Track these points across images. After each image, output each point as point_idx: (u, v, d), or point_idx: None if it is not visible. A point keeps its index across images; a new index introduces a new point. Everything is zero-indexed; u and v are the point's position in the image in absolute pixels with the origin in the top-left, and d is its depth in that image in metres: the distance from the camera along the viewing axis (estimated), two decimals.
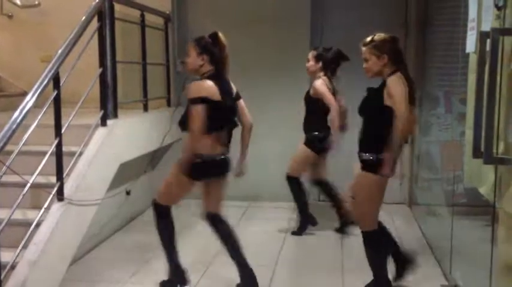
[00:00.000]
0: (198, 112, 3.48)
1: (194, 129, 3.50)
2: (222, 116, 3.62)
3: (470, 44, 3.15)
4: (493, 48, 2.51)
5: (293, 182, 5.11)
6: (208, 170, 3.68)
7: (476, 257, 3.93)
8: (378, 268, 3.61)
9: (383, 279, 3.62)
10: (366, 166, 3.46)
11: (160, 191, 3.83)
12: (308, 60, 4.98)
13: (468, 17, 3.23)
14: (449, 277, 3.91)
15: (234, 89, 3.82)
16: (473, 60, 3.12)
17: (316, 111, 4.97)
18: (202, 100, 3.50)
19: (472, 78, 3.13)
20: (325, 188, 5.18)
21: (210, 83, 3.56)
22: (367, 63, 3.48)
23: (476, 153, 2.67)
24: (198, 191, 3.79)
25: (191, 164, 3.57)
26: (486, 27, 2.81)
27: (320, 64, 4.95)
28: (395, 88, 3.35)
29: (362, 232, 3.59)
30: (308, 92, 5.01)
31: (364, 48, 3.47)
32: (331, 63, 4.96)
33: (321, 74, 4.95)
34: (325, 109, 4.86)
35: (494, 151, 2.54)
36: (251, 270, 3.72)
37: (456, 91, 5.14)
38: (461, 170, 4.21)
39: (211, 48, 3.65)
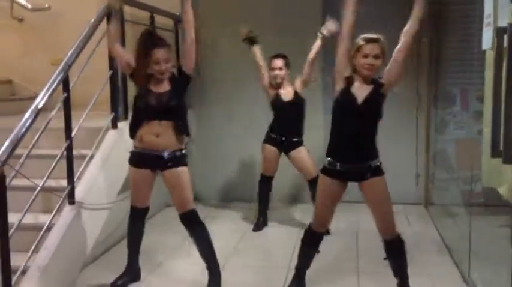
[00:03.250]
0: None
1: None
2: None
3: (487, 40, 3.07)
4: (511, 44, 2.44)
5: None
6: None
7: (496, 259, 3.85)
8: (406, 272, 3.51)
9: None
10: (379, 170, 3.36)
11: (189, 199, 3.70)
12: (280, 69, 4.95)
13: (484, 12, 3.16)
14: (468, 279, 3.81)
15: None
16: (490, 57, 3.04)
17: (302, 114, 5.05)
18: None
19: (489, 75, 3.05)
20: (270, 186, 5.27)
21: None
22: (378, 61, 3.24)
23: (495, 152, 2.61)
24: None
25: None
26: (503, 22, 2.74)
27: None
28: None
29: (398, 236, 3.43)
30: (297, 96, 4.99)
31: (375, 45, 3.24)
32: None
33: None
34: None
35: None
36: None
37: (472, 88, 5.06)
38: (478, 169, 4.13)
39: None
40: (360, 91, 3.29)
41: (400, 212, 5.36)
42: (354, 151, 3.31)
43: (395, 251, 3.44)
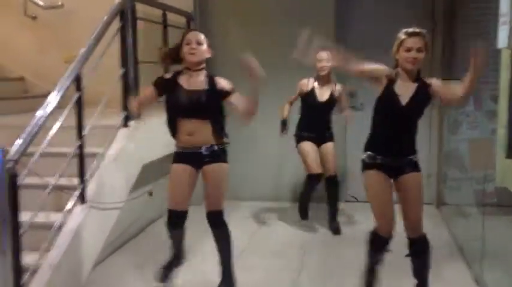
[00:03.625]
0: None
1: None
2: None
3: (503, 39, 3.03)
4: None
5: (337, 181, 5.13)
6: None
7: (510, 260, 3.81)
8: (427, 275, 3.45)
9: None
10: (416, 167, 3.34)
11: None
12: (327, 61, 4.86)
13: (499, 11, 3.12)
14: (481, 281, 3.77)
15: None
16: (505, 56, 3.01)
17: (332, 111, 5.05)
18: None
19: (504, 74, 3.02)
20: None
21: None
22: (421, 54, 3.18)
23: (511, 153, 2.57)
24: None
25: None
26: None
27: None
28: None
29: (424, 236, 3.40)
30: (332, 97, 4.97)
31: (418, 38, 3.17)
32: None
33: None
34: None
35: None
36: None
37: (486, 88, 5.00)
38: (492, 169, 4.08)
39: None
40: (404, 90, 3.25)
41: None
42: (394, 146, 3.30)
43: (420, 250, 3.39)
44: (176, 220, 3.57)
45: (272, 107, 5.70)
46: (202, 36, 3.51)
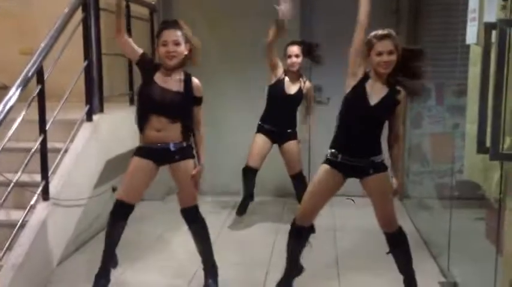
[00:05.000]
0: None
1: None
2: None
3: (472, 35, 3.05)
4: (501, 40, 2.43)
5: (303, 177, 5.05)
6: None
7: (472, 252, 3.88)
8: (411, 267, 3.47)
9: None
10: (382, 165, 3.34)
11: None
12: (297, 56, 4.76)
13: (468, 7, 3.14)
14: (447, 273, 3.83)
15: None
16: (475, 52, 3.04)
17: (298, 106, 4.94)
18: None
19: (473, 70, 3.05)
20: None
21: None
22: (393, 57, 3.16)
23: (481, 148, 2.60)
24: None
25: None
26: (490, 18, 2.72)
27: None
28: None
29: (400, 229, 3.43)
30: (300, 91, 4.87)
31: (388, 40, 3.15)
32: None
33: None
34: None
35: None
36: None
37: (448, 83, 5.08)
38: (453, 163, 4.15)
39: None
40: (374, 91, 3.23)
41: None
42: (356, 147, 3.29)
43: (398, 243, 3.42)
44: (122, 211, 3.48)
45: (238, 99, 5.67)
46: (179, 34, 3.37)
